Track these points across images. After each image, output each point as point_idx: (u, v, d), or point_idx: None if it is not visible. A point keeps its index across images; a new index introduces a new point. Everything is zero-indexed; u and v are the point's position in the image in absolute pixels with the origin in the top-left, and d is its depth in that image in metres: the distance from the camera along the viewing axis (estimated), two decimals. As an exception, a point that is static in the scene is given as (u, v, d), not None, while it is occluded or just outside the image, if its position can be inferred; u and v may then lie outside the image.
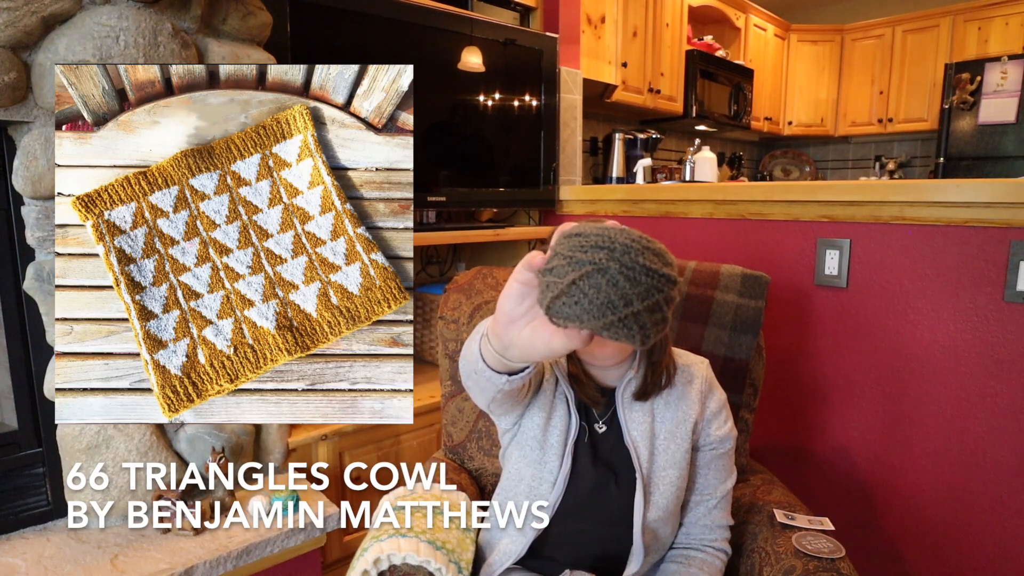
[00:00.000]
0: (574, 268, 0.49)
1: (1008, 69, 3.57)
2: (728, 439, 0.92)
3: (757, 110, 4.13)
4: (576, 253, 0.50)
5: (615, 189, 2.38)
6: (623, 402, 0.88)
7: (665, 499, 0.87)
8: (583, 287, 0.49)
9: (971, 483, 1.30)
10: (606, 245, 0.50)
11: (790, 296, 1.52)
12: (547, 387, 0.90)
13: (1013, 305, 1.22)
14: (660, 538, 0.90)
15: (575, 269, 0.49)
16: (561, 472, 0.87)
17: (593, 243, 0.50)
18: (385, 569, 0.90)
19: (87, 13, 1.06)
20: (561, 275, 0.50)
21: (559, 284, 0.50)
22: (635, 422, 0.88)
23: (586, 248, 0.50)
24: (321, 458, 1.47)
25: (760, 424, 1.56)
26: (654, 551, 0.91)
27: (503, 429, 0.93)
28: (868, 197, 1.37)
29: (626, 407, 0.88)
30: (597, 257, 0.49)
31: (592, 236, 0.51)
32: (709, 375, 0.93)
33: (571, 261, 0.50)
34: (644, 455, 0.87)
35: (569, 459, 0.87)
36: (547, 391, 0.90)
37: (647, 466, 0.87)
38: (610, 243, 0.50)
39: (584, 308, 0.49)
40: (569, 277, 0.49)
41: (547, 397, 0.89)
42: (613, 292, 0.49)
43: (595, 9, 2.72)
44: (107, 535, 1.16)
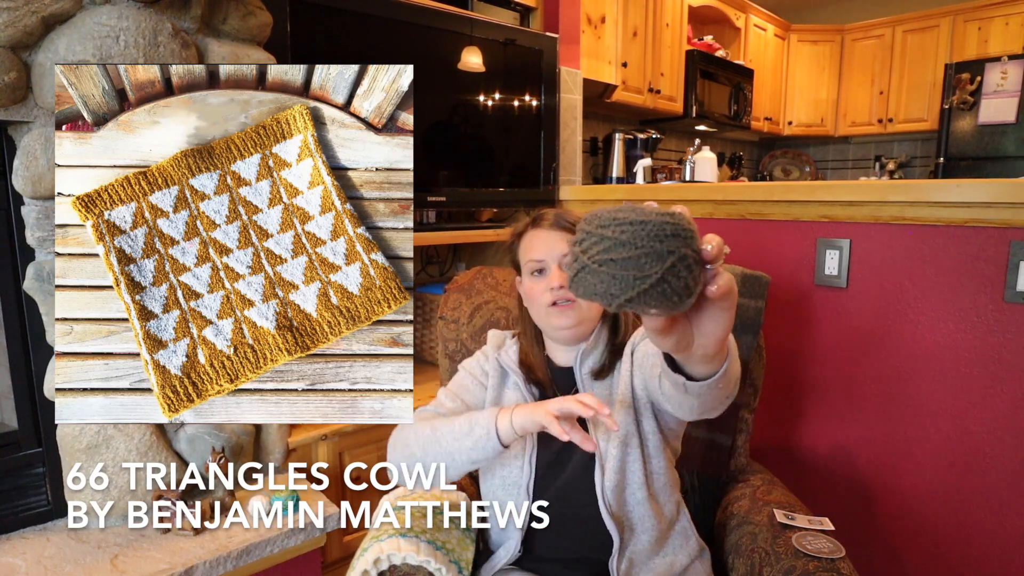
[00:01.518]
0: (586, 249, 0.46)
1: (1008, 69, 3.57)
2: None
3: (757, 110, 4.13)
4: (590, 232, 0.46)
5: (615, 189, 2.38)
6: (582, 378, 0.94)
7: (618, 462, 0.88)
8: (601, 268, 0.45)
9: (971, 483, 1.30)
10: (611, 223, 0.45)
11: (790, 296, 1.52)
12: (491, 384, 0.97)
13: (1013, 305, 1.22)
14: (638, 513, 0.89)
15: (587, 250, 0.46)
16: (527, 455, 0.92)
17: (602, 222, 0.46)
18: (385, 569, 0.90)
19: (87, 13, 1.06)
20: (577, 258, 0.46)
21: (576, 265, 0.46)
22: (594, 394, 0.90)
23: (605, 224, 0.46)
24: (321, 458, 1.47)
25: (760, 424, 1.56)
26: (640, 528, 0.89)
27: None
28: (868, 197, 1.37)
29: (586, 382, 0.94)
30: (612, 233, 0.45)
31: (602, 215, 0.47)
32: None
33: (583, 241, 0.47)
34: (601, 426, 0.90)
35: (531, 440, 0.92)
36: (492, 387, 0.96)
37: (604, 435, 0.90)
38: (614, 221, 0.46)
39: (605, 284, 0.45)
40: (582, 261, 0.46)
41: (494, 392, 0.96)
42: (629, 266, 0.44)
43: (595, 9, 2.72)
44: (107, 535, 1.16)
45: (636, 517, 0.90)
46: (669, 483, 0.93)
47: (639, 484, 0.89)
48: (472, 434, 0.85)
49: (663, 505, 0.92)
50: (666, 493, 0.92)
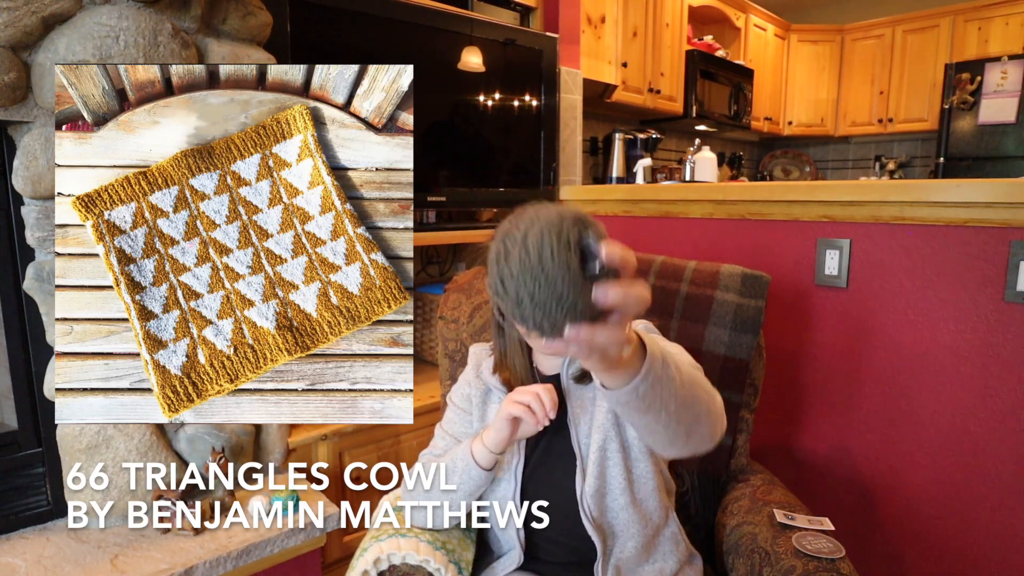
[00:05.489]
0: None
1: (1008, 69, 3.57)
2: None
3: (757, 110, 4.13)
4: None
5: (615, 189, 2.38)
6: (568, 383, 0.93)
7: (599, 468, 0.88)
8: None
9: (971, 483, 1.30)
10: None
11: (790, 296, 1.52)
12: (475, 405, 0.97)
13: (1013, 305, 1.22)
14: (621, 519, 0.88)
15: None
16: (513, 467, 0.92)
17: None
18: (385, 569, 0.90)
19: (87, 13, 1.06)
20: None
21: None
22: (578, 399, 0.92)
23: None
24: (321, 458, 1.47)
25: (760, 424, 1.56)
26: (624, 535, 0.88)
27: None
28: (868, 197, 1.37)
29: (571, 388, 0.93)
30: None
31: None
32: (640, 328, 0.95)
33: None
34: (584, 430, 0.91)
35: (519, 452, 0.92)
36: (476, 406, 0.97)
37: (585, 441, 0.90)
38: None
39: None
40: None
41: (478, 412, 0.97)
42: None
43: (595, 9, 2.72)
44: (107, 535, 1.16)
45: (619, 524, 0.88)
46: (657, 488, 0.91)
47: (621, 490, 0.88)
48: (456, 470, 0.90)
49: (649, 511, 0.90)
50: (653, 499, 0.90)
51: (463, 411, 1.00)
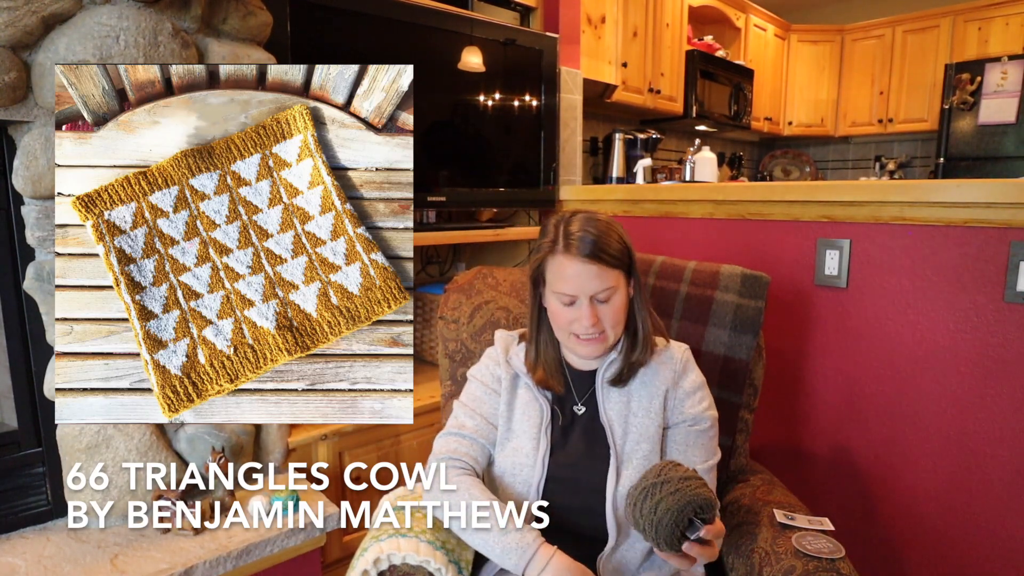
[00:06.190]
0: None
1: (1008, 69, 3.57)
2: (705, 418, 0.96)
3: (757, 110, 4.13)
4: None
5: (615, 189, 2.38)
6: (602, 384, 0.96)
7: (637, 472, 0.90)
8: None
9: (971, 483, 1.30)
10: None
11: (790, 296, 1.52)
12: (504, 388, 0.98)
13: (1013, 305, 1.22)
14: None
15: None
16: (539, 454, 0.93)
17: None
18: (385, 569, 0.90)
19: (87, 13, 1.06)
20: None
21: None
22: (612, 401, 0.95)
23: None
24: (321, 458, 1.47)
25: (760, 424, 1.56)
26: (635, 535, 0.91)
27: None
28: (868, 197, 1.37)
29: (604, 388, 0.96)
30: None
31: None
32: (686, 357, 0.99)
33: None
34: (619, 431, 0.93)
35: (546, 440, 0.93)
36: (505, 390, 0.98)
37: (620, 442, 0.93)
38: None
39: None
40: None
41: (507, 396, 0.97)
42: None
43: (595, 9, 2.72)
44: (107, 535, 1.16)
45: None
46: None
47: None
48: (493, 553, 0.87)
49: None
50: None
51: (492, 391, 1.00)
